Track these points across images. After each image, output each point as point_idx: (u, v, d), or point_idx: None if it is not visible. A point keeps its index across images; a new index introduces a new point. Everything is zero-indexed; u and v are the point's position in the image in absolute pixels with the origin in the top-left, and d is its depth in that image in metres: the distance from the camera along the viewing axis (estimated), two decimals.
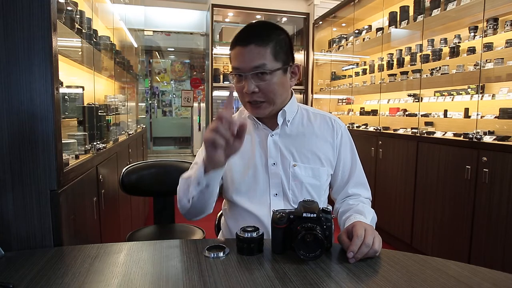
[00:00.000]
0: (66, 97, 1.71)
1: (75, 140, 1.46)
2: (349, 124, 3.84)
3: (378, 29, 3.62)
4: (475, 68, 2.46)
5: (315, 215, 0.83)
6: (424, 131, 2.72)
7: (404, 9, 3.23)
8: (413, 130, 2.86)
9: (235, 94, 1.01)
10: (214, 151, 0.84)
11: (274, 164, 1.07)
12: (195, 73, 8.07)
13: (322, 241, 0.80)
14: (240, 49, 0.99)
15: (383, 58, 3.62)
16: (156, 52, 8.01)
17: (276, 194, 1.06)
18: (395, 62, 3.47)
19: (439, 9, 2.72)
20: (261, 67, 0.98)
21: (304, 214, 0.83)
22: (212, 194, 0.97)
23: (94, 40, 1.96)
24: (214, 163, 0.88)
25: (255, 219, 1.05)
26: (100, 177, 1.55)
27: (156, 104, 8.23)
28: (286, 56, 1.03)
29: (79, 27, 1.69)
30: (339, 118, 1.19)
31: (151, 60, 8.04)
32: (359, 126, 3.66)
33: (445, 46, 2.89)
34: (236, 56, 1.01)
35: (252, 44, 0.98)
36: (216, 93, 4.87)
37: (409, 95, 3.29)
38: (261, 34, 0.99)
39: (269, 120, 1.10)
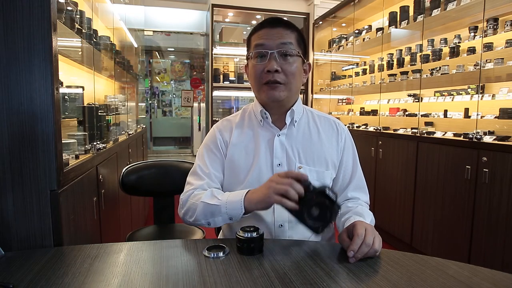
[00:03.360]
0: (66, 97, 1.71)
1: (75, 140, 1.46)
2: (349, 124, 3.84)
3: (378, 29, 3.62)
4: (475, 68, 2.46)
5: (331, 193, 0.87)
6: (424, 131, 2.72)
7: (404, 9, 3.23)
8: (413, 130, 2.86)
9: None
10: (276, 203, 0.88)
11: (279, 165, 1.06)
12: (195, 73, 8.07)
13: (327, 213, 0.87)
14: (268, 30, 1.04)
15: (383, 58, 3.62)
16: (156, 52, 8.01)
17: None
18: (395, 62, 3.47)
19: (439, 9, 2.72)
20: (288, 45, 1.02)
21: (326, 191, 0.87)
22: None
23: (94, 40, 1.96)
24: (263, 209, 0.93)
25: (257, 219, 1.04)
26: (100, 177, 1.55)
27: (156, 104, 8.23)
28: (304, 50, 1.08)
29: (79, 27, 1.69)
30: (339, 118, 1.20)
31: (151, 60, 8.04)
32: (359, 126, 3.66)
33: (445, 46, 2.89)
34: (261, 35, 1.04)
35: (280, 27, 1.04)
36: (216, 93, 4.87)
37: (409, 95, 3.29)
38: (287, 22, 1.06)
39: (277, 118, 1.10)
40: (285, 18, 1.08)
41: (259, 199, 0.90)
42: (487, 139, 2.14)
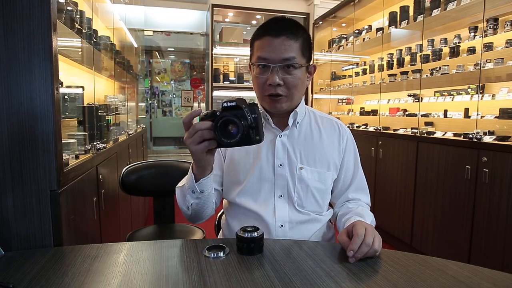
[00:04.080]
0: (66, 97, 1.71)
1: (75, 140, 1.46)
2: (349, 124, 3.84)
3: (378, 29, 3.62)
4: (475, 68, 2.46)
5: (234, 103, 0.82)
6: (424, 131, 2.72)
7: (404, 9, 3.23)
8: (413, 130, 2.86)
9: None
10: (201, 151, 0.84)
11: (280, 165, 1.06)
12: (195, 73, 8.06)
13: (240, 127, 0.80)
14: (271, 40, 0.99)
15: (383, 58, 3.62)
16: (156, 52, 8.01)
17: (281, 196, 1.06)
18: (395, 62, 3.47)
19: (439, 9, 2.72)
20: (291, 60, 0.99)
21: (224, 104, 0.82)
22: (210, 197, 0.99)
23: (94, 40, 1.96)
24: (203, 165, 0.89)
25: (258, 219, 1.04)
26: (100, 177, 1.55)
27: (156, 104, 8.22)
28: (309, 55, 1.05)
29: (79, 27, 1.69)
30: (339, 118, 1.19)
31: (151, 60, 8.03)
32: (359, 126, 3.66)
33: (445, 46, 2.89)
34: (264, 46, 1.00)
35: (283, 36, 0.98)
36: (216, 93, 4.87)
37: (409, 95, 3.29)
38: (293, 28, 1.00)
39: (280, 120, 1.09)
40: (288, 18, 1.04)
41: (193, 160, 0.91)
42: (487, 139, 2.14)
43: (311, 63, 1.08)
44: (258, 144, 1.07)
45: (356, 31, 4.11)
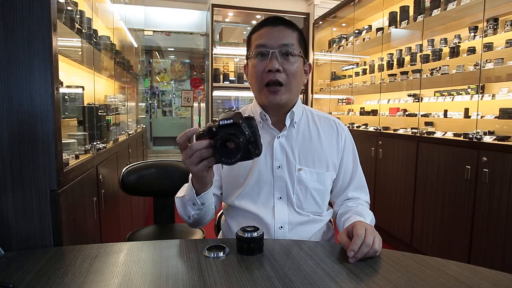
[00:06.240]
0: (66, 97, 1.71)
1: (75, 140, 1.46)
2: (349, 124, 3.84)
3: (378, 29, 3.62)
4: (475, 68, 2.46)
5: (231, 120, 0.81)
6: (424, 131, 2.72)
7: (404, 9, 3.23)
8: (413, 130, 2.86)
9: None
10: (201, 171, 0.83)
11: (279, 167, 1.06)
12: (195, 73, 8.06)
13: (239, 145, 0.79)
14: (269, 28, 1.02)
15: (383, 58, 3.62)
16: (156, 52, 8.01)
17: (280, 198, 1.06)
18: (395, 62, 3.47)
19: (439, 9, 2.73)
20: (289, 46, 1.01)
21: (221, 122, 0.81)
22: (211, 206, 0.99)
23: (94, 40, 1.96)
24: (204, 182, 0.89)
25: (257, 220, 1.04)
26: (100, 177, 1.55)
27: (156, 104, 8.22)
28: (305, 49, 1.07)
29: (79, 27, 1.69)
30: (339, 118, 1.19)
31: (151, 60, 8.04)
32: (359, 126, 3.66)
33: (445, 46, 2.89)
34: (262, 35, 1.02)
35: (281, 25, 1.02)
36: (216, 93, 4.87)
37: (409, 95, 3.29)
38: (288, 22, 1.05)
39: (277, 120, 1.08)
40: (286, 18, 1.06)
41: (193, 178, 0.91)
42: (487, 139, 2.14)
43: (307, 62, 1.08)
44: None
45: (356, 31, 4.11)
